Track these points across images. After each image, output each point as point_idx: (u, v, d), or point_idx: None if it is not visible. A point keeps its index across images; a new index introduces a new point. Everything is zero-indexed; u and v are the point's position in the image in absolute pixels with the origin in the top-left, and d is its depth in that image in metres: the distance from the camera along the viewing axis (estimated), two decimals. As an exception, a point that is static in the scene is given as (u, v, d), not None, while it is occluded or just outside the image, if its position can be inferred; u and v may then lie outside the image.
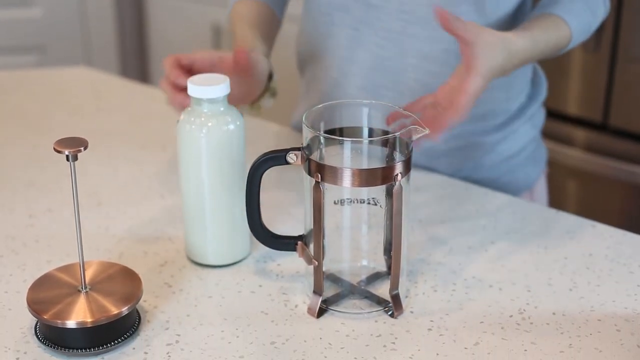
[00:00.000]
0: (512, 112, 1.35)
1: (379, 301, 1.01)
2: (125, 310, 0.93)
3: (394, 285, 0.99)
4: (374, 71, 1.30)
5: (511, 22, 1.29)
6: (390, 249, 0.98)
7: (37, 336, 0.95)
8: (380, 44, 1.28)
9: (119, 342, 0.94)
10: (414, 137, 0.95)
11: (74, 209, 0.93)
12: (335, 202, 1.00)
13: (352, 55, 1.31)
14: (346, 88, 1.34)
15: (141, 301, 1.00)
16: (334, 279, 1.04)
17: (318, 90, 1.38)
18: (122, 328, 0.94)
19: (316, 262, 0.98)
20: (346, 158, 0.96)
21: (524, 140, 1.39)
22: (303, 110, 1.43)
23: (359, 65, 1.31)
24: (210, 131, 1.02)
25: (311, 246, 0.99)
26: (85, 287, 0.95)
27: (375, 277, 1.04)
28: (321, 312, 1.00)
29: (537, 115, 1.41)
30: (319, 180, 0.95)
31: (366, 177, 0.94)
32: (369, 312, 1.00)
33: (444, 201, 1.25)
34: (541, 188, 1.46)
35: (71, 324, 0.91)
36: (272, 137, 1.46)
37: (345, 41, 1.31)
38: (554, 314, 1.00)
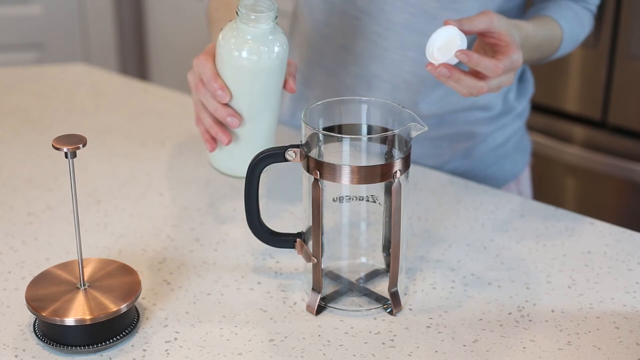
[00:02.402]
0: (500, 107, 1.37)
1: (378, 298, 1.01)
2: (124, 307, 0.93)
3: (393, 283, 0.99)
4: (372, 61, 1.31)
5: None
6: (389, 246, 0.98)
7: (35, 333, 0.95)
8: (383, 34, 1.28)
9: (117, 340, 0.94)
10: (413, 134, 0.95)
11: (72, 206, 0.93)
12: (334, 200, 1.00)
13: (349, 44, 1.32)
14: (341, 76, 1.34)
15: (140, 298, 1.00)
16: (333, 276, 1.04)
17: (313, 79, 1.38)
18: (121, 325, 0.94)
19: (315, 260, 0.98)
20: (345, 155, 0.95)
21: (510, 130, 1.41)
22: (299, 103, 1.43)
23: (356, 54, 1.32)
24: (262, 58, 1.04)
25: (310, 243, 0.99)
26: (84, 284, 0.95)
27: (374, 275, 1.04)
28: (320, 310, 1.00)
29: (525, 110, 1.44)
30: (318, 178, 0.95)
31: (365, 175, 0.94)
32: (367, 310, 1.00)
33: (443, 198, 1.25)
34: (526, 179, 1.48)
35: (70, 321, 0.91)
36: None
37: (345, 30, 1.31)
38: (552, 311, 1.00)
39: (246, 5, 1.01)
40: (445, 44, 1.04)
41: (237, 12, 1.02)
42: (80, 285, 0.95)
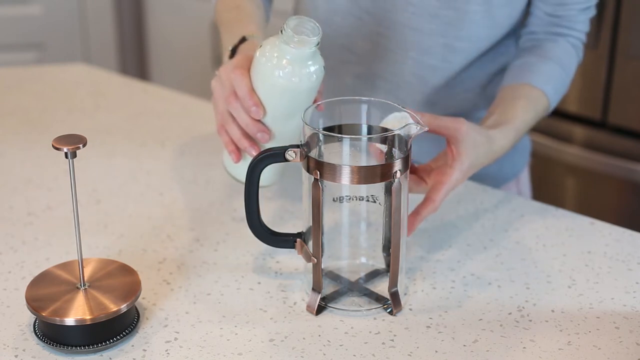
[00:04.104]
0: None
1: (378, 298, 1.01)
2: (124, 307, 0.93)
3: (393, 283, 0.99)
4: (374, 61, 1.31)
5: (517, 26, 1.29)
6: (389, 246, 0.98)
7: (35, 333, 0.95)
8: (385, 34, 1.28)
9: (117, 340, 0.94)
10: (413, 134, 0.95)
11: (72, 206, 0.93)
12: (334, 200, 1.00)
13: (351, 44, 1.32)
14: (342, 76, 1.34)
15: (140, 298, 1.00)
16: (333, 276, 1.04)
17: None
18: (121, 325, 0.94)
19: (315, 260, 0.98)
20: (345, 155, 0.96)
21: None
22: None
23: (357, 54, 1.32)
24: (303, 80, 1.03)
25: (310, 243, 0.98)
26: (84, 285, 0.95)
27: (374, 275, 1.04)
28: (320, 310, 1.00)
29: None
30: (318, 178, 0.95)
31: (365, 175, 0.94)
32: (367, 310, 1.00)
33: (442, 198, 1.25)
34: (525, 178, 1.48)
35: (70, 321, 0.91)
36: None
37: (347, 29, 1.31)
38: (552, 311, 1.00)
39: (291, 26, 1.01)
40: (395, 121, 1.03)
41: (281, 31, 1.01)
42: (80, 285, 0.95)
